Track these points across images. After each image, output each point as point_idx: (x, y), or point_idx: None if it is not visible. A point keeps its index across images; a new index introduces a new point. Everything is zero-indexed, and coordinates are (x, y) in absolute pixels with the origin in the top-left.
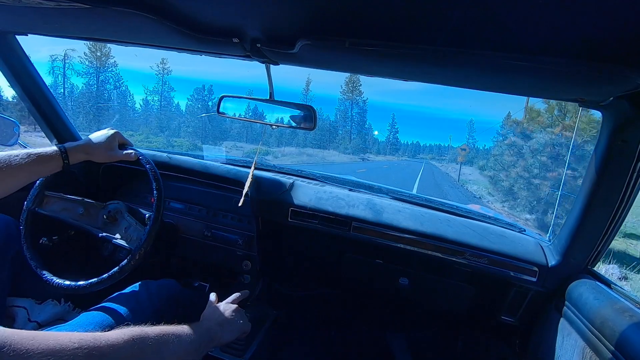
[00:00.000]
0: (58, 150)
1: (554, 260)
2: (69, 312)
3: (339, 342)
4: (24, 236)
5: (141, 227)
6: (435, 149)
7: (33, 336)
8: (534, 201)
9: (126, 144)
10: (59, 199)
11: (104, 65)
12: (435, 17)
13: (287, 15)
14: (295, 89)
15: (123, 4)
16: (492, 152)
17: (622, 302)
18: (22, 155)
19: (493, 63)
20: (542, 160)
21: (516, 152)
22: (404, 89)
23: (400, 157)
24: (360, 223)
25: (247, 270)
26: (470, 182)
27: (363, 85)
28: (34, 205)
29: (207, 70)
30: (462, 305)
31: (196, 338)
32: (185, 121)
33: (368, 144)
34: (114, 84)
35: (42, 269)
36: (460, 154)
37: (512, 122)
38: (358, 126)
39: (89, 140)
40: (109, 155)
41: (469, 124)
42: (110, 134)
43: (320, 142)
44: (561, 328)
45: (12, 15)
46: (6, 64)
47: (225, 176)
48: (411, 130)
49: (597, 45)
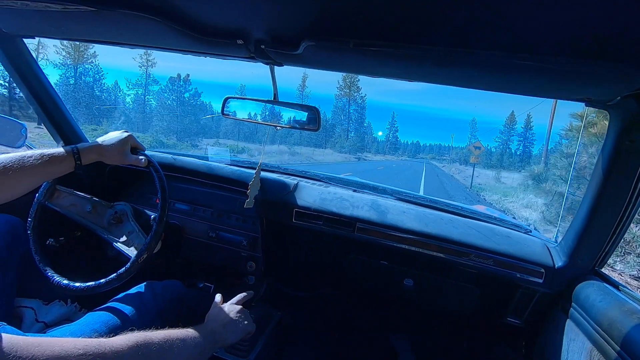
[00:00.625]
0: (71, 151)
1: (560, 261)
2: (75, 313)
3: (343, 343)
4: (32, 228)
5: (143, 235)
6: (435, 148)
7: (39, 342)
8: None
9: (138, 148)
10: (69, 194)
11: (83, 56)
12: (439, 17)
13: (291, 17)
14: (289, 88)
15: (129, 7)
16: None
17: (630, 303)
18: (36, 156)
19: (499, 63)
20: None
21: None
22: (403, 88)
23: (400, 156)
24: (364, 224)
25: (251, 271)
26: (483, 188)
27: (361, 82)
28: (44, 198)
29: (182, 66)
30: (467, 307)
31: (200, 341)
32: (158, 115)
33: (365, 142)
34: (94, 77)
35: (49, 270)
36: (474, 152)
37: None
38: (355, 124)
39: (103, 142)
40: (120, 158)
41: (471, 123)
42: (123, 137)
43: (315, 141)
44: (568, 330)
45: (19, 19)
46: (14, 67)
47: (230, 177)
48: (411, 130)
49: (604, 44)
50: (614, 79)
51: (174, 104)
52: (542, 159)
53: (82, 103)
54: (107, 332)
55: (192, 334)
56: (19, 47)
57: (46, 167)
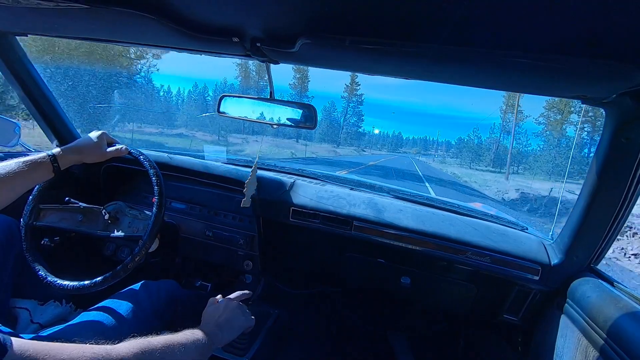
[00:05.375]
0: (46, 156)
1: (556, 258)
2: (70, 313)
3: (340, 341)
4: (27, 249)
5: (145, 216)
6: (419, 142)
7: (48, 350)
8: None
9: (114, 143)
10: (56, 210)
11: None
12: (436, 15)
13: (287, 14)
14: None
15: (122, 4)
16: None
17: (625, 300)
18: (12, 164)
19: (495, 61)
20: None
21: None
22: (383, 83)
23: (381, 150)
24: (361, 222)
25: (248, 270)
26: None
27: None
28: (30, 220)
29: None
30: (464, 304)
31: (200, 344)
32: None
33: (338, 137)
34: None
35: (45, 272)
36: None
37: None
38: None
39: (78, 142)
40: (100, 154)
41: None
42: (97, 134)
43: (295, 134)
44: (564, 327)
45: (11, 16)
46: (6, 65)
47: (226, 176)
48: (390, 124)
49: (600, 42)
50: (609, 76)
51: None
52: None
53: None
54: (102, 331)
55: (191, 337)
56: (11, 44)
57: (25, 174)
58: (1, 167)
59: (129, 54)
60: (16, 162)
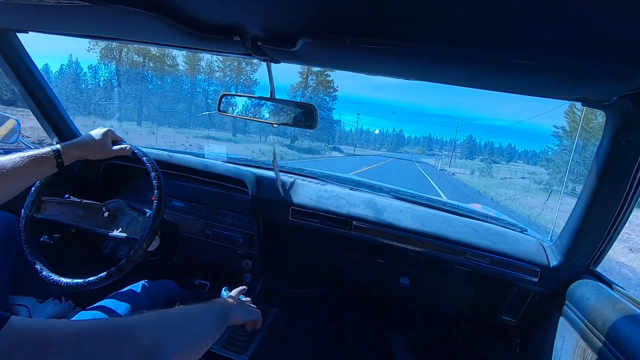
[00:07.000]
0: (51, 151)
1: (555, 260)
2: (69, 311)
3: (339, 341)
4: (25, 242)
5: (144, 219)
6: (422, 141)
7: (61, 326)
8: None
9: (119, 141)
10: (57, 203)
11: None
12: (437, 15)
13: (288, 14)
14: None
15: (123, 2)
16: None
17: (624, 302)
18: (16, 158)
19: (495, 62)
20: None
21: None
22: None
23: (378, 150)
24: (361, 222)
25: (247, 269)
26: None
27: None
28: (31, 211)
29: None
30: (462, 305)
31: (216, 312)
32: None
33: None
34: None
35: (41, 266)
36: None
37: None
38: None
39: (82, 138)
40: (103, 151)
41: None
42: (103, 131)
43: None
44: (562, 329)
45: (12, 13)
46: (7, 61)
47: (226, 175)
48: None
49: (601, 44)
50: (610, 79)
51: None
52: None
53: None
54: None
55: (206, 307)
56: (12, 41)
57: (28, 169)
58: (5, 161)
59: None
60: (20, 156)
